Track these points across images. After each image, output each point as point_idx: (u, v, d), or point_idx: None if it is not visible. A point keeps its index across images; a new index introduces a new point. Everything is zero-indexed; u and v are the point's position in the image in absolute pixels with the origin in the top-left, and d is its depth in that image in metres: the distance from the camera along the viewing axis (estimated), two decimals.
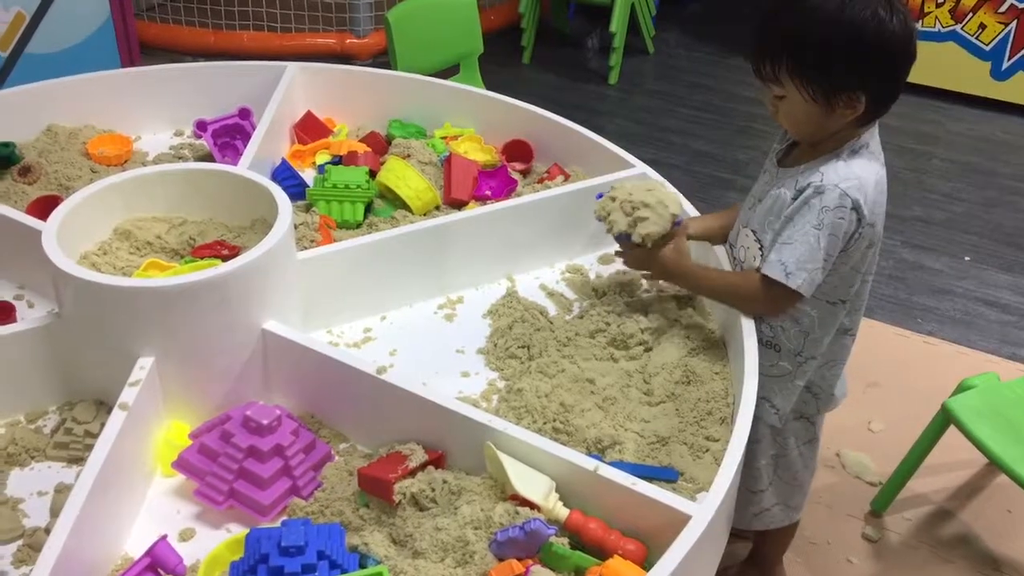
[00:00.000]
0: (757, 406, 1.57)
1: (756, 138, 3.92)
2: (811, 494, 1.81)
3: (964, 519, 2.19)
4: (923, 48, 4.52)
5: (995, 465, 1.89)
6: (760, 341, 1.48)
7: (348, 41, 4.36)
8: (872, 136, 1.44)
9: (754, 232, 1.50)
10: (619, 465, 1.28)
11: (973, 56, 4.16)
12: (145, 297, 1.28)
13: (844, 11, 1.32)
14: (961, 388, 2.04)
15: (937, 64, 4.23)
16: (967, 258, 3.22)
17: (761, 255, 1.47)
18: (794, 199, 1.42)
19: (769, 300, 1.45)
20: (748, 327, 1.46)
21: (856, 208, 1.38)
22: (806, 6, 1.35)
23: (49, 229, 1.36)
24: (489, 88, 2.26)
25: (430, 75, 2.28)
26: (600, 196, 1.60)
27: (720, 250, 1.63)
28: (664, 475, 1.32)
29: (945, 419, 1.99)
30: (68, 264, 1.29)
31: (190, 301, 1.30)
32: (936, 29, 4.18)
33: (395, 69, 2.67)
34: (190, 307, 1.31)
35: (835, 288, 1.50)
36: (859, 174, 1.39)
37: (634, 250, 1.55)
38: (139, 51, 3.97)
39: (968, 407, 1.96)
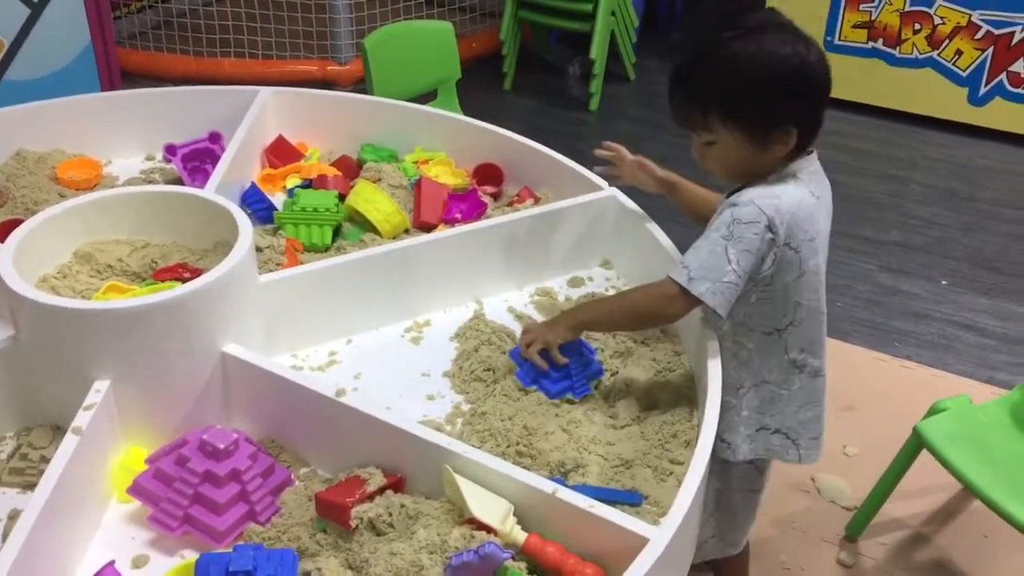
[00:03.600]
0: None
1: None
2: (784, 520, 1.80)
3: (940, 544, 2.18)
4: (900, 74, 4.55)
5: (967, 488, 1.88)
6: None
7: (330, 68, 4.38)
8: (804, 168, 1.43)
9: None
10: (582, 489, 1.27)
11: (950, 82, 4.19)
12: (101, 319, 1.27)
13: (766, 52, 1.35)
14: (933, 411, 2.03)
15: (914, 90, 4.26)
16: (945, 282, 3.22)
17: None
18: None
19: (667, 301, 1.40)
20: (713, 349, 1.45)
21: (770, 225, 1.36)
22: (727, 53, 1.37)
23: (5, 251, 1.35)
24: (470, 114, 2.26)
25: (407, 100, 2.28)
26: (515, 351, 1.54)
27: None
28: (628, 499, 1.31)
29: (917, 443, 1.99)
30: (23, 286, 1.28)
31: (147, 323, 1.29)
32: (913, 55, 4.22)
33: (372, 94, 2.68)
34: (147, 329, 1.29)
35: (768, 318, 1.46)
36: (778, 193, 1.39)
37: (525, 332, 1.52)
38: (120, 78, 3.97)
39: (939, 430, 1.95)
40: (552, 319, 1.53)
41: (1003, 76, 4.09)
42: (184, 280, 1.45)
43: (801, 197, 1.40)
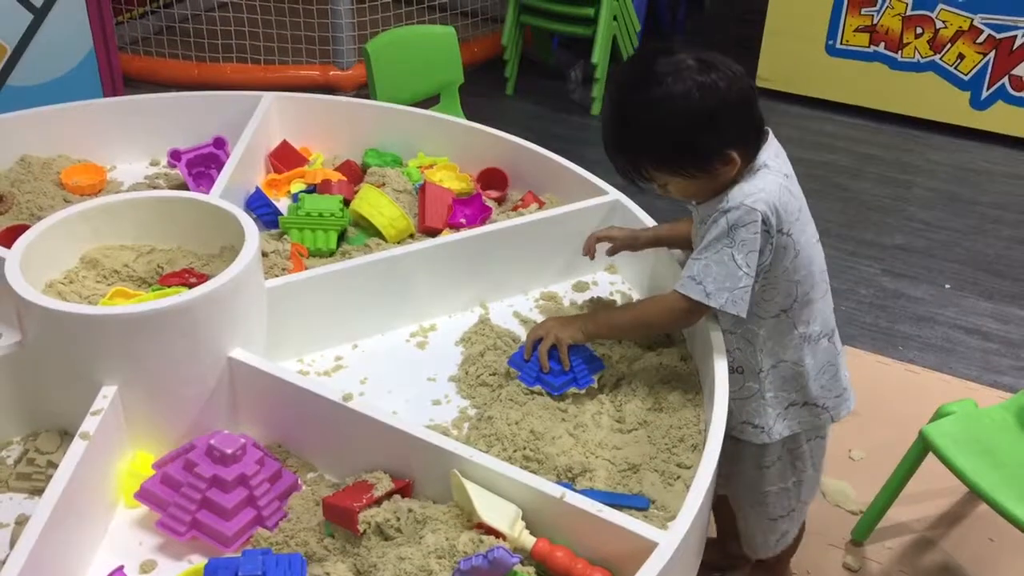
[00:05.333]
0: (740, 431, 1.60)
1: None
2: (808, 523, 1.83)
3: (945, 548, 2.18)
4: (902, 78, 4.56)
5: (973, 492, 1.88)
6: None
7: (332, 73, 4.38)
8: (767, 154, 1.46)
9: None
10: (590, 493, 1.26)
11: (952, 86, 4.19)
12: (107, 325, 1.27)
13: (670, 96, 1.36)
14: (938, 415, 2.03)
15: (917, 94, 4.26)
16: (948, 286, 3.22)
17: None
18: (704, 221, 1.45)
19: (682, 316, 1.45)
20: (719, 353, 1.45)
21: (764, 220, 1.40)
22: (637, 109, 1.40)
23: (12, 257, 1.35)
24: (472, 119, 2.26)
25: (410, 105, 2.29)
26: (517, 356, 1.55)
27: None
28: (635, 503, 1.30)
29: (923, 446, 1.98)
30: (30, 292, 1.28)
31: (154, 329, 1.29)
32: (915, 59, 4.22)
33: (375, 99, 2.68)
34: (154, 335, 1.29)
35: (772, 302, 1.51)
36: (760, 187, 1.41)
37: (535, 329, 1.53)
38: (123, 84, 3.98)
39: (945, 434, 1.95)
40: (565, 318, 1.54)
41: (1005, 80, 4.09)
42: (190, 285, 1.44)
43: (779, 183, 1.44)
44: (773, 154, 1.47)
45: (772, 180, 1.43)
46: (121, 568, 1.13)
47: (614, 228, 1.73)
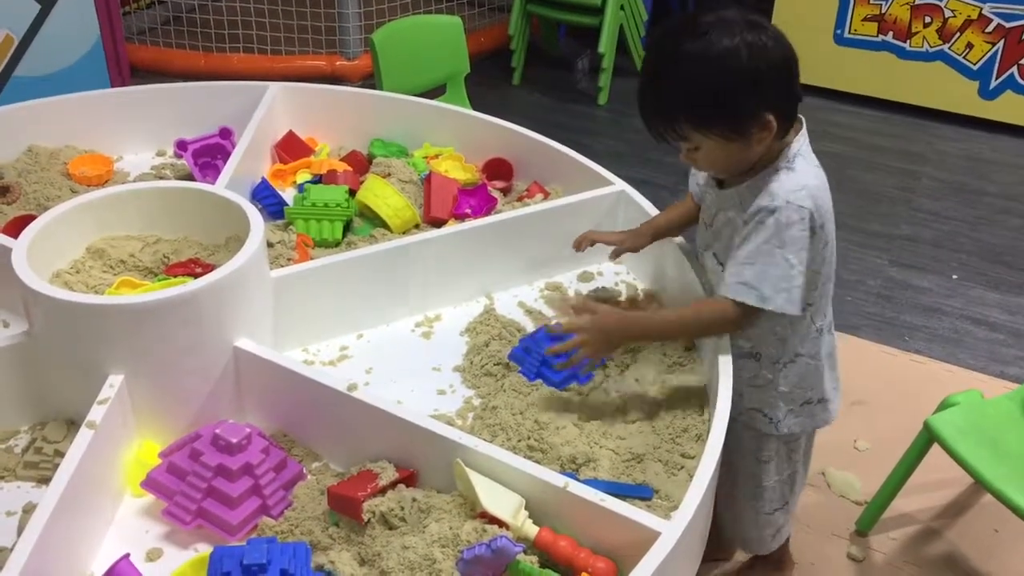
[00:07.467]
0: (749, 418, 1.58)
1: None
2: (796, 512, 1.81)
3: (950, 538, 2.17)
4: (911, 68, 4.53)
5: (978, 483, 1.87)
6: (740, 353, 1.48)
7: (338, 63, 4.38)
8: (800, 141, 1.42)
9: (716, 255, 1.51)
10: (593, 483, 1.27)
11: (961, 75, 4.18)
12: (114, 314, 1.28)
13: (713, 51, 1.31)
14: (944, 405, 2.02)
15: (925, 84, 4.25)
16: (955, 276, 3.21)
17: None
18: (746, 222, 1.39)
19: (737, 322, 1.41)
20: (724, 345, 1.45)
21: (812, 216, 1.37)
22: (680, 62, 1.33)
23: (19, 247, 1.35)
24: (478, 109, 2.26)
25: (416, 95, 2.29)
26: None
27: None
28: (638, 492, 1.31)
29: (928, 437, 1.98)
30: (37, 282, 1.29)
31: (160, 318, 1.29)
32: (924, 49, 4.20)
33: (381, 90, 2.68)
34: (160, 324, 1.30)
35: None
36: (804, 183, 1.38)
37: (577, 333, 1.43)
38: (129, 74, 3.99)
39: (950, 424, 1.94)
40: (609, 328, 1.44)
41: (1014, 69, 4.07)
42: (196, 275, 1.45)
43: (818, 175, 1.41)
44: (807, 146, 1.43)
45: (813, 173, 1.40)
46: (127, 556, 1.14)
47: (612, 233, 1.70)
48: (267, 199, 1.91)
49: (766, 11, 4.33)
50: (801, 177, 1.38)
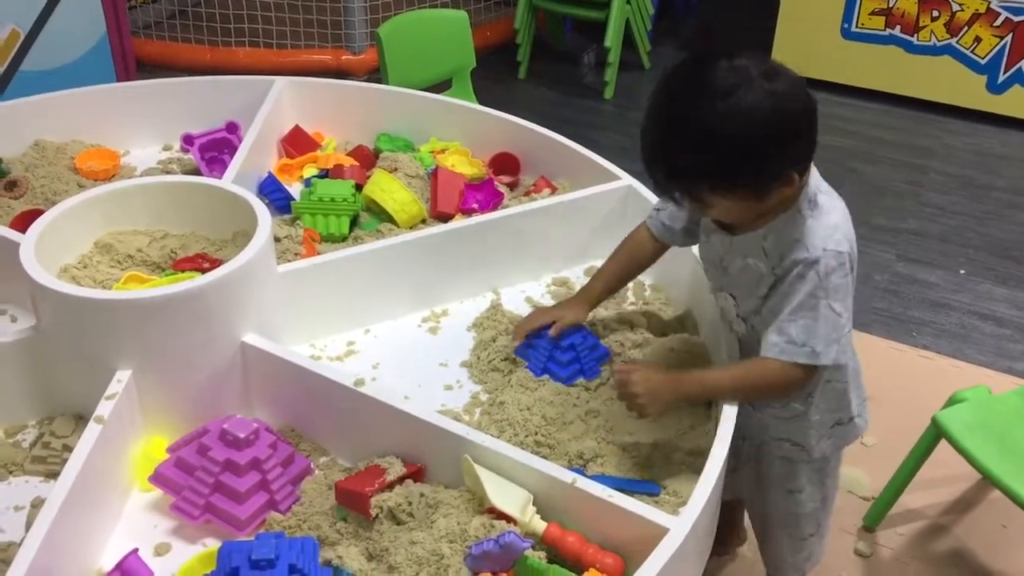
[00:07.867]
0: (779, 448, 1.52)
1: None
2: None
3: (958, 534, 2.17)
4: (918, 62, 4.49)
5: (986, 479, 1.87)
6: None
7: (344, 57, 4.37)
8: (813, 175, 1.33)
9: (733, 296, 1.42)
10: (601, 479, 1.27)
11: (969, 69, 4.15)
12: (122, 309, 1.28)
13: (740, 115, 1.18)
14: (952, 401, 2.02)
15: (933, 78, 4.23)
16: (962, 271, 3.20)
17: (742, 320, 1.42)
18: (778, 276, 1.31)
19: (796, 383, 1.33)
20: (731, 343, 1.44)
21: (849, 258, 1.30)
22: (701, 128, 1.20)
23: (27, 242, 1.36)
24: (484, 103, 2.26)
25: (422, 90, 2.28)
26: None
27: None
28: (646, 488, 1.31)
29: (936, 433, 1.98)
30: (45, 276, 1.29)
31: (168, 313, 1.29)
32: (931, 43, 4.18)
33: (387, 84, 2.67)
34: (168, 319, 1.30)
35: None
36: (835, 222, 1.30)
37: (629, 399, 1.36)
38: (135, 68, 3.98)
39: (958, 420, 1.94)
40: (659, 380, 1.35)
41: (1022, 64, 4.05)
42: (204, 270, 1.45)
43: (842, 210, 1.34)
44: (816, 173, 1.33)
45: (839, 209, 1.33)
46: (135, 551, 1.14)
47: (547, 310, 1.58)
48: (274, 194, 1.91)
49: (773, 6, 4.32)
50: (829, 217, 1.31)
